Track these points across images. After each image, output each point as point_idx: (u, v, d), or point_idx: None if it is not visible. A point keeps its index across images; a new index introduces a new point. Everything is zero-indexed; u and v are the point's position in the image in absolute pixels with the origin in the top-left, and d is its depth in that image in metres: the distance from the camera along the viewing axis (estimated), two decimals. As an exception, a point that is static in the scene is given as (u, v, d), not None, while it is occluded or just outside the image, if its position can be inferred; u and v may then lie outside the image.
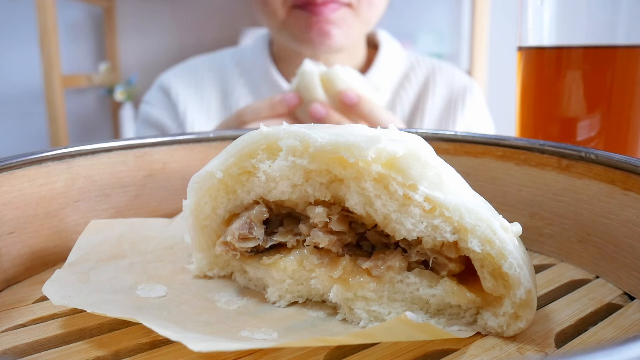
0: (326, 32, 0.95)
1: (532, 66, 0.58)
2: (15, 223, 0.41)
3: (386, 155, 0.33)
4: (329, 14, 0.94)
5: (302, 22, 0.96)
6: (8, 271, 0.41)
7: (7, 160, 0.41)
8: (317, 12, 0.94)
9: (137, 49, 2.69)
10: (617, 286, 0.39)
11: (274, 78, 1.08)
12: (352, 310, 0.35)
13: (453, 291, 0.34)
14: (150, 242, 0.45)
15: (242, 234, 0.38)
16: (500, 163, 0.48)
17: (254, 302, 0.37)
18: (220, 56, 1.20)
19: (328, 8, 0.94)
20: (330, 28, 0.95)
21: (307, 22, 0.95)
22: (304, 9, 0.94)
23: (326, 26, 0.95)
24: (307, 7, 0.94)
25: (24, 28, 2.44)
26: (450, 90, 1.13)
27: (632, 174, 0.38)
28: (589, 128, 0.55)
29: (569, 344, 0.32)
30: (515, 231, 0.33)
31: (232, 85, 1.13)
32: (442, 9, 2.45)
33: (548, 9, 0.56)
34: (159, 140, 0.52)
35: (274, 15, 0.97)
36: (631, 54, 0.53)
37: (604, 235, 0.40)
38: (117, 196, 0.49)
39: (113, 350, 0.31)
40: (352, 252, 0.37)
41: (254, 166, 0.37)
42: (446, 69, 1.17)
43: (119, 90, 2.55)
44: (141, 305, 0.35)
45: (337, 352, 0.31)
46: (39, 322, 0.35)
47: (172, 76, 1.16)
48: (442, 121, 1.12)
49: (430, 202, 0.33)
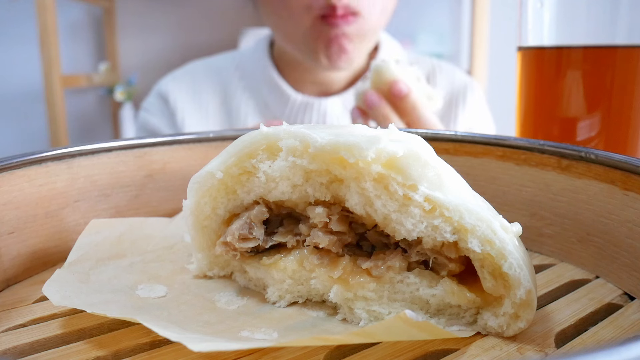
0: (344, 49, 0.96)
1: (532, 66, 0.58)
2: (15, 223, 0.41)
3: (386, 155, 0.33)
4: (345, 27, 0.95)
5: (324, 38, 0.96)
6: (8, 271, 0.41)
7: (7, 160, 0.41)
8: (335, 24, 0.94)
9: (137, 49, 2.68)
10: (617, 286, 0.39)
11: (276, 81, 1.07)
12: (352, 310, 0.35)
13: (453, 291, 0.34)
14: (150, 242, 0.45)
15: (242, 234, 0.38)
16: (500, 163, 0.48)
17: (254, 302, 0.37)
18: (219, 60, 1.20)
19: (344, 20, 0.94)
20: (345, 42, 0.96)
21: (327, 36, 0.95)
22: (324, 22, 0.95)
23: (343, 41, 0.96)
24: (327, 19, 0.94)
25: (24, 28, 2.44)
26: (451, 88, 1.14)
27: (632, 174, 0.38)
28: (589, 128, 0.55)
29: (569, 344, 0.32)
30: (515, 231, 0.33)
31: (233, 90, 1.12)
32: (442, 9, 2.45)
33: (548, 9, 0.56)
34: (159, 140, 0.52)
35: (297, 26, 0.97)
36: (631, 54, 0.53)
37: (604, 235, 0.40)
38: (117, 196, 0.49)
39: (113, 350, 0.31)
40: (352, 252, 0.37)
41: (254, 166, 0.37)
42: (446, 68, 1.17)
43: (119, 90, 2.54)
44: (141, 305, 0.35)
45: (337, 352, 0.31)
46: (39, 322, 0.35)
47: (171, 82, 1.16)
48: (444, 119, 1.12)
49: (430, 203, 0.33)
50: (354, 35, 0.97)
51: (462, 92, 1.13)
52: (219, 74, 1.15)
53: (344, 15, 0.94)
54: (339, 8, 0.92)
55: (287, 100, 1.07)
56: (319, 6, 0.93)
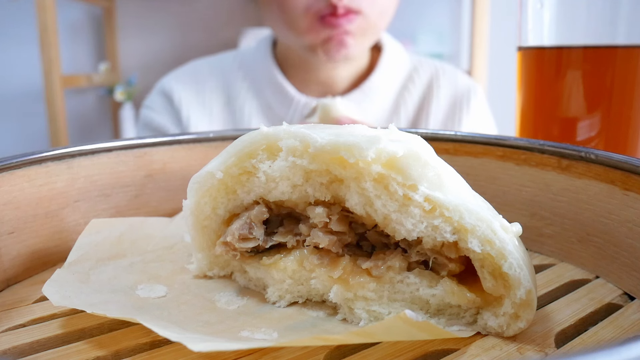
0: (343, 43, 0.97)
1: (532, 66, 0.58)
2: (15, 223, 0.41)
3: (386, 155, 0.33)
4: (347, 25, 0.95)
5: (323, 36, 0.96)
6: (8, 271, 0.41)
7: (7, 160, 0.41)
8: (337, 25, 0.94)
9: (137, 49, 2.68)
10: (617, 286, 0.39)
11: (279, 81, 1.07)
12: (352, 310, 0.35)
13: (453, 291, 0.34)
14: (150, 242, 0.45)
15: (242, 234, 0.38)
16: (500, 163, 0.48)
17: (254, 302, 0.37)
18: (221, 59, 1.19)
19: (346, 19, 0.94)
20: (347, 38, 0.96)
21: (328, 35, 0.96)
22: (324, 22, 0.95)
23: (344, 37, 0.96)
24: (328, 19, 0.94)
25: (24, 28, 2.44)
26: (454, 92, 1.13)
27: (632, 174, 0.38)
28: (589, 128, 0.55)
29: (569, 344, 0.32)
30: (515, 231, 0.33)
31: (237, 89, 1.12)
32: (442, 9, 2.45)
33: (548, 9, 0.56)
34: (159, 140, 0.52)
35: (296, 26, 0.97)
36: (631, 54, 0.53)
37: (604, 235, 0.40)
38: (117, 196, 0.49)
39: (113, 350, 0.31)
40: (352, 252, 0.37)
41: (254, 166, 0.37)
42: (449, 70, 1.17)
43: (119, 90, 2.54)
44: (141, 306, 0.35)
45: (337, 352, 0.31)
46: (39, 322, 0.35)
47: (174, 80, 1.15)
48: (447, 122, 1.12)
49: (430, 203, 0.33)
50: (356, 32, 0.97)
51: (466, 96, 1.13)
52: (222, 73, 1.15)
53: (345, 14, 0.94)
54: (339, 8, 0.92)
55: (291, 101, 1.07)
56: (320, 6, 0.93)
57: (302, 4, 0.94)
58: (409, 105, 1.12)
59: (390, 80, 1.10)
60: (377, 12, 0.98)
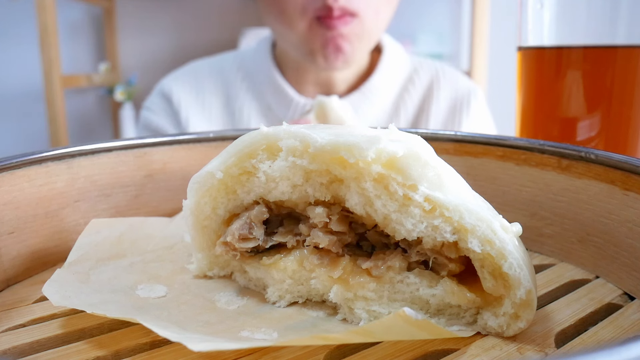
0: (340, 48, 0.97)
1: (532, 66, 0.58)
2: (15, 223, 0.41)
3: (386, 155, 0.33)
4: (342, 28, 0.95)
5: (320, 39, 0.96)
6: (8, 271, 0.41)
7: (7, 160, 0.41)
8: (332, 26, 0.94)
9: (137, 49, 2.68)
10: (617, 286, 0.39)
11: (278, 83, 1.07)
12: (352, 310, 0.35)
13: (453, 291, 0.34)
14: (150, 241, 0.45)
15: (242, 234, 0.38)
16: (500, 163, 0.48)
17: (254, 302, 0.37)
18: (220, 60, 1.19)
19: (341, 21, 0.94)
20: (343, 43, 0.96)
21: (324, 37, 0.96)
22: (321, 23, 0.95)
23: (340, 42, 0.96)
24: (324, 20, 0.94)
25: (24, 28, 2.44)
26: (455, 94, 1.13)
27: (632, 174, 0.38)
28: (589, 128, 0.55)
29: (569, 344, 0.32)
30: (515, 231, 0.33)
31: (236, 90, 1.12)
32: (442, 9, 2.45)
33: (548, 10, 0.56)
34: (159, 140, 0.52)
35: (293, 27, 0.97)
36: (631, 54, 0.53)
37: (604, 235, 0.40)
38: (117, 196, 0.49)
39: (113, 350, 0.31)
40: (352, 252, 0.37)
41: (254, 166, 0.37)
42: (449, 72, 1.17)
43: (119, 90, 2.54)
44: (141, 306, 0.35)
45: (337, 352, 0.31)
46: (39, 322, 0.35)
47: (173, 81, 1.15)
48: (447, 125, 1.12)
49: (430, 203, 0.33)
50: (352, 36, 0.97)
51: (467, 98, 1.13)
52: (222, 74, 1.15)
53: (340, 16, 0.93)
54: (335, 9, 0.92)
55: (290, 102, 1.07)
56: (316, 7, 0.93)
57: (299, 4, 0.94)
58: (408, 107, 1.11)
59: (390, 82, 1.10)
60: (373, 16, 0.97)
